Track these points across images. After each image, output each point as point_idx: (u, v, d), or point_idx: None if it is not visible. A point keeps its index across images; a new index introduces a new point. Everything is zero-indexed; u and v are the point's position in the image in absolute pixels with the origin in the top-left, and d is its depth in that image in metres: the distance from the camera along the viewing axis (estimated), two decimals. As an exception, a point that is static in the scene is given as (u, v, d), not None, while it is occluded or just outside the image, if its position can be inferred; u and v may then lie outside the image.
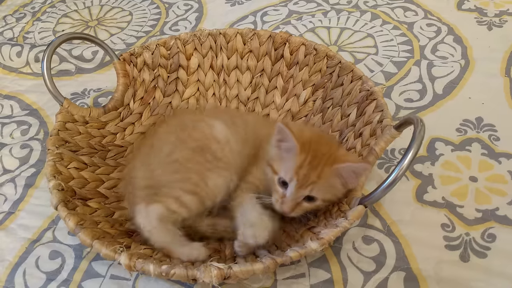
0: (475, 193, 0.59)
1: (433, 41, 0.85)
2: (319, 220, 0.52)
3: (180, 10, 1.03)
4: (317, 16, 0.95)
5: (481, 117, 0.69)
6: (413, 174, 0.62)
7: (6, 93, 0.84)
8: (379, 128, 0.55)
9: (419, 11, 0.93)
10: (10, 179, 0.67)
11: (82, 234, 0.47)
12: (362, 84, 0.62)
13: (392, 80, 0.78)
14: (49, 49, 0.63)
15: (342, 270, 0.53)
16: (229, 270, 0.42)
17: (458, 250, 0.53)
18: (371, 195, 0.47)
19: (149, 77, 0.73)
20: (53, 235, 0.59)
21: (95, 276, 0.55)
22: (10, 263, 0.57)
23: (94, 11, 1.06)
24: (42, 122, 0.77)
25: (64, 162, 0.57)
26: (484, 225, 0.56)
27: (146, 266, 0.43)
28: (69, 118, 0.63)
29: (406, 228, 0.56)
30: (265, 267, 0.43)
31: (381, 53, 0.83)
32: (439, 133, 0.67)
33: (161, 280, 0.53)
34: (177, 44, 0.73)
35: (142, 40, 0.95)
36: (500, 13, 0.89)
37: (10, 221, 0.62)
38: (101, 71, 0.87)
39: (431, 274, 0.51)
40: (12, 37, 0.98)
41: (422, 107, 0.72)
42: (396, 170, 0.45)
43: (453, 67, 0.78)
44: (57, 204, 0.50)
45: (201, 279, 0.42)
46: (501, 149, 0.64)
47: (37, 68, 0.89)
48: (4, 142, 0.74)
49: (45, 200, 0.64)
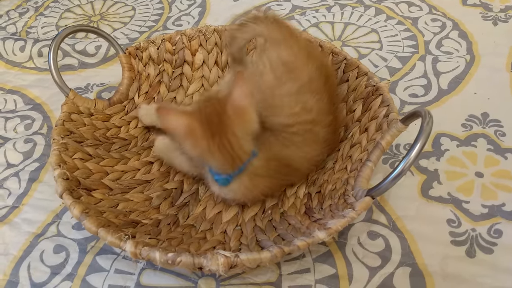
0: (481, 189, 0.59)
1: (438, 36, 0.84)
2: (325, 213, 0.52)
3: (183, 5, 1.03)
4: (320, 11, 0.95)
5: (486, 112, 0.69)
6: (418, 170, 0.62)
7: (9, 88, 0.84)
8: (385, 122, 0.55)
9: (424, 6, 0.92)
10: (14, 173, 0.67)
11: (87, 221, 0.47)
12: (367, 79, 0.62)
13: (396, 75, 0.77)
14: (56, 40, 0.63)
15: (347, 265, 0.53)
16: (236, 258, 0.42)
17: (464, 246, 0.53)
18: (378, 186, 0.47)
19: (154, 71, 0.72)
20: (57, 229, 0.59)
21: (100, 270, 0.54)
22: (14, 257, 0.57)
23: (97, 6, 1.06)
24: (45, 117, 0.77)
25: (69, 152, 0.57)
26: (491, 220, 0.55)
27: (152, 253, 0.43)
28: (75, 109, 0.63)
29: (412, 224, 0.56)
30: (272, 255, 0.42)
31: (386, 48, 0.83)
32: (444, 128, 0.67)
33: (165, 275, 0.53)
34: (183, 40, 0.73)
35: (145, 35, 0.94)
36: (506, 8, 0.89)
37: (14, 215, 0.62)
38: (104, 66, 0.87)
39: (437, 270, 0.51)
40: (15, 31, 0.98)
41: (427, 102, 0.72)
42: (403, 161, 0.44)
43: (458, 62, 0.78)
44: (62, 192, 0.50)
45: (207, 267, 0.41)
46: (507, 144, 0.64)
47: (40, 63, 0.88)
48: (7, 137, 0.74)
49: (49, 195, 0.64)
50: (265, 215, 0.57)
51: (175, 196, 0.61)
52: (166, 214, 0.58)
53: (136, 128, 0.69)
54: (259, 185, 0.54)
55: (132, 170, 0.64)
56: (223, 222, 0.57)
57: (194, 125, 0.48)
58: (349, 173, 0.56)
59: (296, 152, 0.55)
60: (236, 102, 0.49)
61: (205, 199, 0.60)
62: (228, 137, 0.48)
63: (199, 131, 0.48)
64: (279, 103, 0.54)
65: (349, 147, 0.60)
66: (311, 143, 0.55)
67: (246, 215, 0.57)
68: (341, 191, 0.54)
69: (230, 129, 0.48)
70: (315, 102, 0.53)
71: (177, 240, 0.53)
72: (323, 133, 0.55)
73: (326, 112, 0.55)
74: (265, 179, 0.54)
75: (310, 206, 0.56)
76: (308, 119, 0.53)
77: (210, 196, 0.61)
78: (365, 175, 0.51)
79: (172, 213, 0.58)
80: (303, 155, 0.55)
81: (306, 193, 0.59)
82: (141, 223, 0.54)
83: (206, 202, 0.60)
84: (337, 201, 0.52)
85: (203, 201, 0.60)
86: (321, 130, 0.55)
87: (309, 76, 0.54)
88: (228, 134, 0.48)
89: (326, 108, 0.55)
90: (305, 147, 0.55)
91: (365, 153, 0.55)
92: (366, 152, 0.55)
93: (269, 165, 0.53)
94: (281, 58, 0.54)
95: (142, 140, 0.68)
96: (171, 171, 0.64)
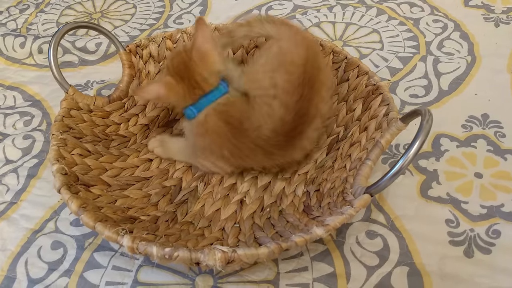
0: (480, 189, 0.59)
1: (439, 37, 0.84)
2: (323, 211, 0.52)
3: (184, 3, 1.02)
4: (322, 11, 0.94)
5: (487, 113, 0.69)
6: (418, 170, 0.62)
7: (9, 84, 0.84)
8: (385, 121, 0.55)
9: (426, 7, 0.92)
10: (13, 169, 0.67)
11: (85, 216, 0.46)
12: (368, 79, 0.62)
13: (397, 75, 0.77)
14: (56, 36, 0.62)
15: (345, 264, 0.52)
16: (233, 253, 0.42)
17: (462, 246, 0.53)
18: (377, 183, 0.47)
19: (154, 69, 0.72)
20: (55, 225, 0.59)
21: (97, 266, 0.54)
22: (12, 253, 0.57)
23: (98, 3, 1.05)
24: (45, 113, 0.77)
25: (68, 148, 0.57)
26: (489, 221, 0.55)
27: (149, 248, 0.42)
28: (74, 105, 0.63)
29: (410, 223, 0.56)
30: (270, 251, 0.42)
31: (387, 49, 0.83)
32: (444, 129, 0.67)
33: (162, 272, 0.53)
34: (183, 38, 0.73)
35: (146, 33, 0.94)
36: (508, 9, 0.89)
37: (12, 211, 0.62)
38: (105, 63, 0.87)
39: (435, 270, 0.51)
40: (15, 28, 0.98)
41: (427, 103, 0.72)
42: (402, 159, 0.44)
43: (459, 63, 0.78)
44: (60, 187, 0.50)
45: (204, 262, 0.41)
46: (506, 145, 0.64)
47: (40, 60, 0.88)
48: (7, 133, 0.73)
49: (47, 191, 0.64)
50: (264, 213, 0.57)
51: (174, 193, 0.61)
52: (165, 211, 0.58)
53: (136, 125, 0.69)
54: (209, 131, 0.56)
55: (131, 167, 0.63)
56: (221, 219, 0.57)
57: (167, 80, 0.55)
58: (348, 171, 0.56)
59: (252, 115, 0.55)
60: (200, 48, 0.55)
61: (203, 196, 0.60)
62: (196, 78, 0.55)
63: (172, 82, 0.55)
64: (258, 77, 0.57)
65: (349, 146, 0.59)
66: (265, 115, 0.55)
67: (245, 212, 0.57)
68: (340, 189, 0.53)
69: (197, 71, 0.54)
70: (282, 81, 0.54)
71: (175, 236, 0.52)
72: (280, 111, 0.54)
73: (291, 93, 0.54)
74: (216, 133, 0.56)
75: (309, 204, 0.56)
76: (270, 93, 0.54)
77: (209, 194, 0.61)
78: (364, 174, 0.51)
79: (171, 210, 0.58)
80: (256, 122, 0.55)
81: (305, 192, 0.59)
82: (139, 219, 0.54)
83: (204, 199, 0.60)
84: (336, 199, 0.52)
85: (202, 198, 0.60)
86: (279, 106, 0.54)
87: (291, 59, 0.55)
88: (196, 76, 0.55)
89: (294, 90, 0.54)
90: (260, 116, 0.55)
91: (364, 152, 0.55)
92: (366, 151, 0.55)
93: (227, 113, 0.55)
94: (280, 46, 0.57)
95: (141, 138, 0.68)
96: (170, 168, 0.64)
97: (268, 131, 0.54)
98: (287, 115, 0.54)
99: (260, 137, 0.55)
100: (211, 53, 0.55)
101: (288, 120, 0.54)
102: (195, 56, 0.55)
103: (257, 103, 0.55)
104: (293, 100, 0.54)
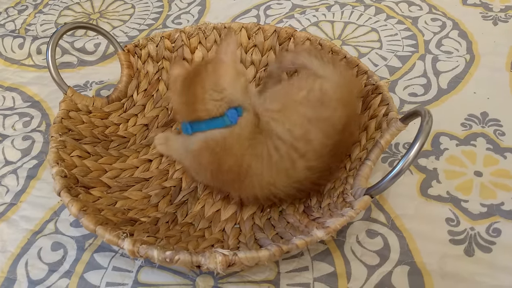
0: (480, 188, 0.59)
1: (437, 35, 0.84)
2: (324, 212, 0.52)
3: (182, 3, 1.02)
4: (320, 10, 0.94)
5: (486, 112, 0.69)
6: (418, 169, 0.62)
7: (8, 85, 0.83)
8: (384, 121, 0.55)
9: (424, 6, 0.92)
10: (12, 170, 0.67)
11: (85, 219, 0.46)
12: (367, 78, 0.62)
13: (396, 74, 0.77)
14: (54, 37, 0.62)
15: (345, 263, 0.53)
16: (234, 256, 0.41)
17: (463, 245, 0.53)
18: (377, 185, 0.47)
19: (153, 69, 0.72)
20: (55, 226, 0.59)
21: (97, 267, 0.54)
22: (12, 254, 0.57)
23: (96, 4, 1.05)
24: (44, 114, 0.76)
25: (67, 150, 0.57)
26: (489, 219, 0.55)
27: (150, 251, 0.42)
28: (73, 106, 0.63)
29: (410, 222, 0.56)
30: (271, 254, 0.42)
31: (385, 48, 0.83)
32: (444, 127, 0.67)
33: (163, 272, 0.53)
34: (182, 37, 0.72)
35: (145, 33, 0.94)
36: (506, 8, 0.89)
37: (12, 212, 0.62)
38: (103, 64, 0.87)
39: (435, 268, 0.51)
40: (14, 29, 0.98)
41: (426, 101, 0.71)
42: (403, 160, 0.44)
43: (458, 61, 0.78)
44: (60, 190, 0.50)
45: (205, 265, 0.41)
46: (506, 144, 0.64)
47: (39, 60, 0.88)
48: (6, 134, 0.73)
49: (47, 192, 0.64)
50: (264, 214, 0.57)
51: (174, 194, 0.61)
52: (165, 212, 0.58)
53: (135, 126, 0.69)
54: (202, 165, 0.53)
55: (131, 168, 0.63)
56: (221, 220, 0.57)
57: (180, 73, 0.54)
58: (348, 172, 0.55)
59: (259, 164, 0.51)
60: (219, 58, 0.52)
61: (203, 197, 0.60)
62: (196, 87, 0.51)
63: (180, 78, 0.53)
64: (290, 112, 0.52)
65: (348, 146, 0.59)
66: (280, 170, 0.51)
67: (245, 213, 0.57)
68: (340, 190, 0.53)
69: (201, 81, 0.51)
70: (317, 143, 0.50)
71: (175, 238, 0.52)
72: (300, 173, 0.51)
73: (322, 158, 0.51)
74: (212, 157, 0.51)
75: (309, 204, 0.56)
76: (299, 147, 0.50)
77: (209, 195, 0.61)
78: (364, 174, 0.51)
79: (171, 211, 0.58)
80: (260, 174, 0.51)
81: (305, 192, 0.59)
82: (139, 221, 0.54)
83: (204, 200, 0.60)
84: (336, 200, 0.52)
85: (202, 199, 0.60)
86: (301, 169, 0.50)
87: (330, 121, 0.51)
88: (197, 85, 0.51)
89: (325, 156, 0.51)
90: (271, 168, 0.51)
91: (364, 152, 0.55)
92: (366, 151, 0.55)
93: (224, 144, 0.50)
94: (322, 88, 0.53)
95: (140, 138, 0.68)
96: (170, 169, 0.64)
97: (281, 192, 0.52)
98: (309, 174, 0.51)
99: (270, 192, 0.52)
100: (225, 64, 0.51)
101: (309, 179, 0.51)
102: (210, 66, 0.51)
103: (278, 153, 0.50)
104: (321, 165, 0.51)
